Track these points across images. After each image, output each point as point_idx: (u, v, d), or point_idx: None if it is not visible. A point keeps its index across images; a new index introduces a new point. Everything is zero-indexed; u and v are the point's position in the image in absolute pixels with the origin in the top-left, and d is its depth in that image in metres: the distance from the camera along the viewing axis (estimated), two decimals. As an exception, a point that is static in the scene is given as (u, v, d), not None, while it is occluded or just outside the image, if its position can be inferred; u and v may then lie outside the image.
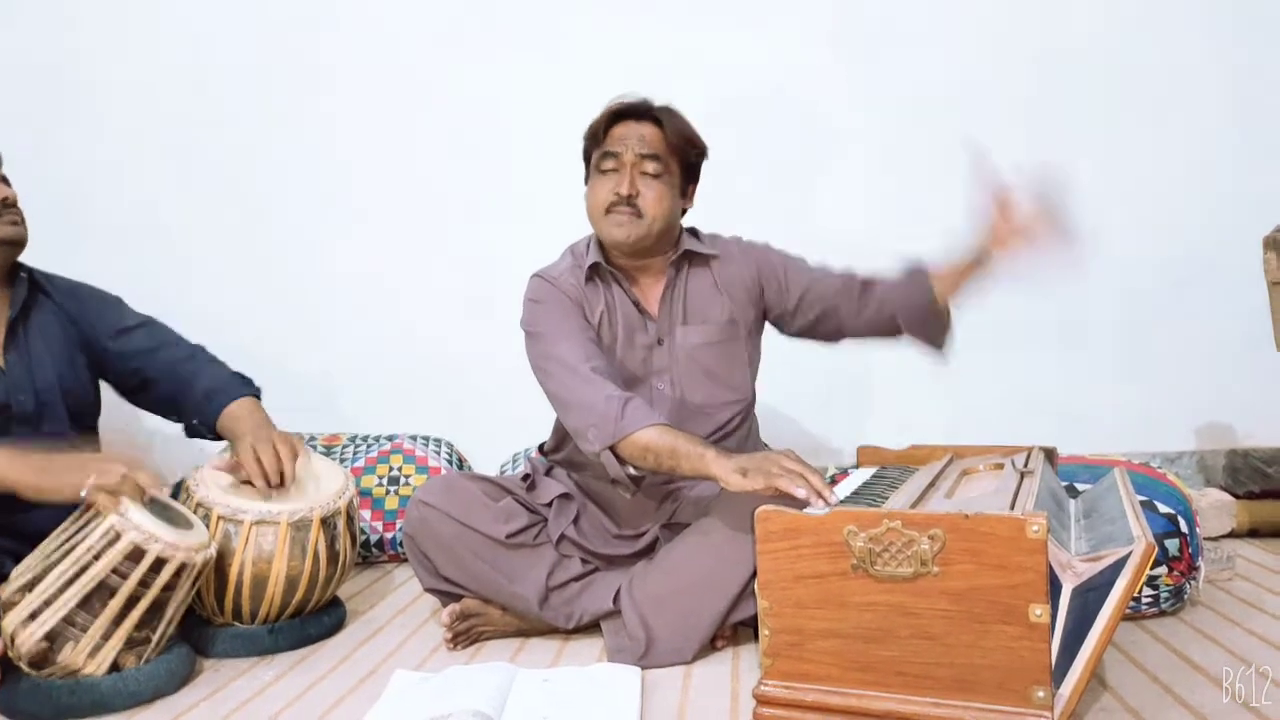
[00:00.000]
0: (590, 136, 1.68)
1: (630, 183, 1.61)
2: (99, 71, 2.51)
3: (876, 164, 2.46)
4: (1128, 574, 1.06)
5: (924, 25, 2.43)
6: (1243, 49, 2.37)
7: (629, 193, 1.60)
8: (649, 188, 1.62)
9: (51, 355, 1.72)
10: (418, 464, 2.30)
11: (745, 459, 1.39)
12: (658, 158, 1.63)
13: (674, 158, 1.65)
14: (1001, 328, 2.42)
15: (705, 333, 1.71)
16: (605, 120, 1.66)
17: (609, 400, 1.50)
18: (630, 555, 1.68)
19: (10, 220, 1.66)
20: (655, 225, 1.63)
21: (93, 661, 1.39)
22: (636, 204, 1.61)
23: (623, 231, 1.62)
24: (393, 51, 2.50)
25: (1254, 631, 1.54)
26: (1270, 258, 1.79)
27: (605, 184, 1.64)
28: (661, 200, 1.63)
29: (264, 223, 2.54)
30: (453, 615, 1.61)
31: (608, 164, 1.64)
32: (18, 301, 1.69)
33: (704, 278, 1.73)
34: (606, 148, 1.64)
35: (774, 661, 1.15)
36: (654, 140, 1.64)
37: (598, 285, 1.70)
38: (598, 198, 1.64)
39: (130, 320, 1.83)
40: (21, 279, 1.72)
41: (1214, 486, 2.29)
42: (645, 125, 1.65)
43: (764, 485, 1.32)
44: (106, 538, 1.41)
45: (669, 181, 1.65)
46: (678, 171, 1.67)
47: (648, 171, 1.62)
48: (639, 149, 1.62)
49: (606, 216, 1.63)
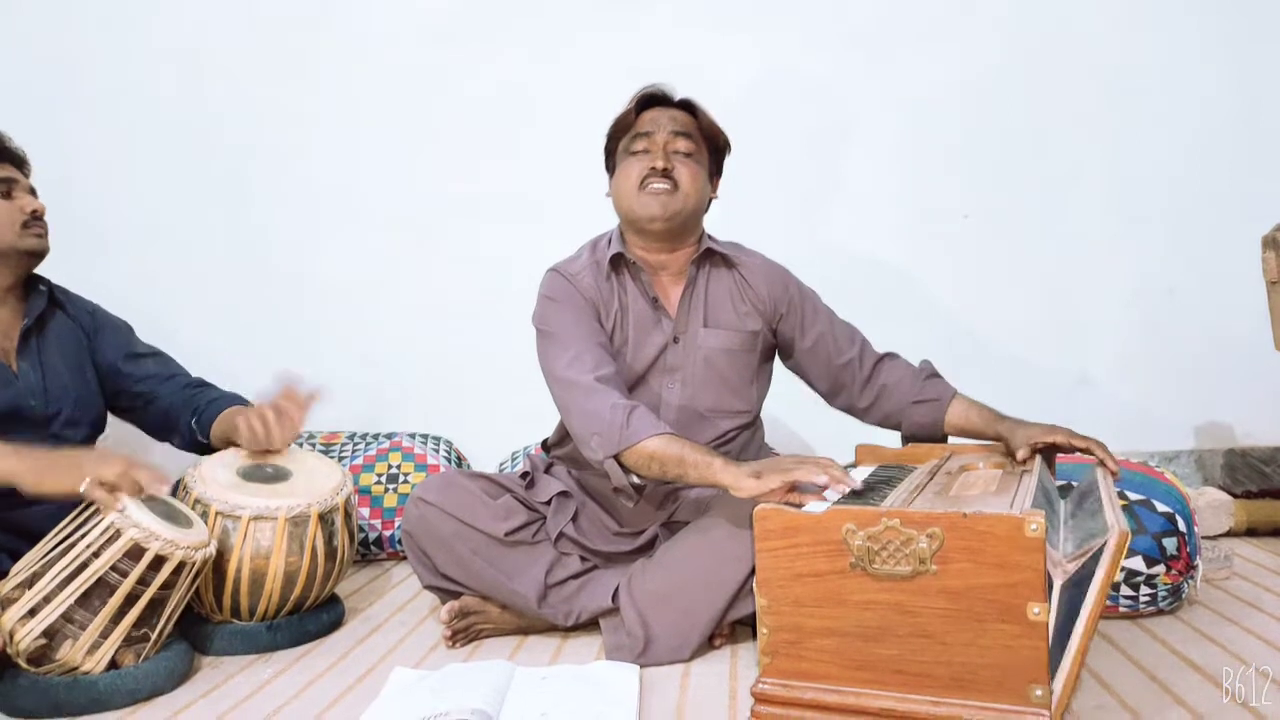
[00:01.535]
0: (618, 124, 1.69)
1: (666, 157, 1.62)
2: (95, 70, 2.51)
3: (882, 166, 2.46)
4: (1105, 563, 1.07)
5: (925, 26, 2.42)
6: (1243, 49, 2.37)
7: (665, 165, 1.61)
8: (684, 165, 1.64)
9: (64, 365, 1.75)
10: (416, 462, 2.30)
11: (756, 463, 1.39)
12: (691, 137, 1.65)
13: (705, 143, 1.68)
14: (1000, 326, 2.43)
15: (727, 338, 1.71)
16: (636, 106, 1.68)
17: (614, 409, 1.50)
18: (630, 553, 1.68)
19: (36, 232, 1.70)
20: (690, 201, 1.64)
21: (91, 659, 1.39)
22: (673, 176, 1.62)
23: (659, 203, 1.61)
24: (392, 52, 2.50)
25: (1252, 630, 1.54)
26: (1269, 257, 1.79)
27: (637, 163, 1.64)
28: (696, 178, 1.65)
29: (262, 221, 2.53)
30: (451, 612, 1.61)
31: (639, 145, 1.65)
32: (34, 311, 1.73)
33: (728, 283, 1.73)
34: (639, 129, 1.65)
35: (772, 659, 1.15)
36: (686, 122, 1.66)
37: (614, 282, 1.70)
38: (629, 177, 1.64)
39: (141, 348, 1.89)
40: (40, 290, 1.76)
41: (1212, 485, 2.29)
42: (676, 111, 1.67)
43: (781, 483, 1.31)
44: (106, 535, 1.41)
45: (701, 162, 1.67)
46: (705, 159, 1.69)
47: (680, 150, 1.64)
48: (672, 127, 1.64)
49: (640, 192, 1.63)
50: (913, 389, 1.69)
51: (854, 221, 2.46)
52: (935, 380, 1.70)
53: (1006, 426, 1.56)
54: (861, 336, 1.76)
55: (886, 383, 1.71)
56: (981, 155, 2.43)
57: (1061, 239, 2.42)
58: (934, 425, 1.66)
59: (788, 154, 2.45)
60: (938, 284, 2.45)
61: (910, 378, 1.70)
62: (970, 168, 2.44)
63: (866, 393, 1.72)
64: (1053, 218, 2.42)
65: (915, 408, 1.68)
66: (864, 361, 1.73)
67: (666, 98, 1.69)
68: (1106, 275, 2.42)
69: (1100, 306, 2.42)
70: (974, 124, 2.43)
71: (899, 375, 1.71)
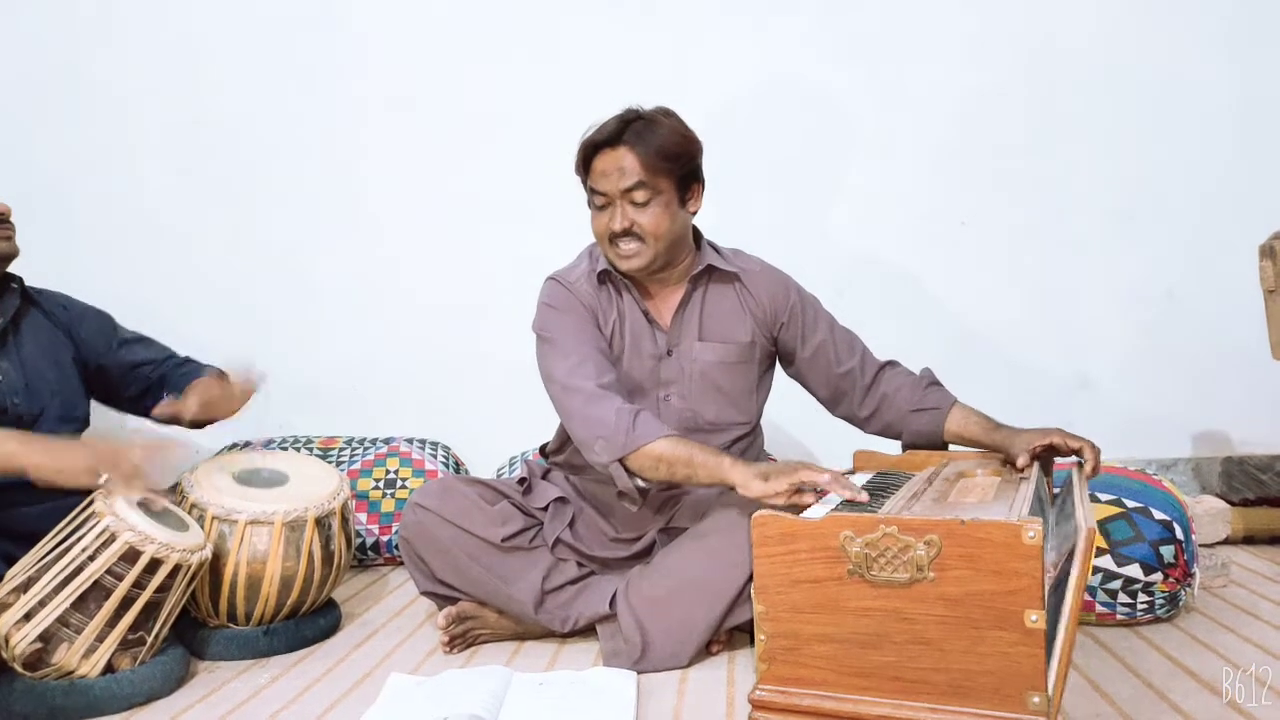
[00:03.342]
0: (577, 169, 1.66)
1: (622, 216, 1.60)
2: (95, 68, 2.51)
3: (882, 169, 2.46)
4: (1077, 562, 1.09)
5: (925, 30, 2.43)
6: (1242, 53, 2.37)
7: (624, 227, 1.60)
8: (642, 215, 1.59)
9: (45, 362, 1.73)
10: (414, 467, 2.30)
11: (764, 465, 1.41)
12: (643, 184, 1.58)
13: (660, 177, 1.59)
14: (998, 333, 2.43)
15: (724, 351, 1.70)
16: (582, 156, 1.63)
17: (619, 413, 1.51)
18: (627, 559, 1.68)
19: (4, 235, 1.68)
20: (660, 245, 1.62)
21: (87, 663, 1.39)
22: (635, 232, 1.61)
23: (629, 263, 1.62)
24: (392, 52, 2.50)
25: (1249, 638, 1.54)
26: (1266, 266, 1.79)
27: (601, 218, 1.63)
28: (659, 222, 1.60)
29: (260, 225, 2.53)
30: (449, 618, 1.61)
31: (597, 201, 1.63)
32: (8, 310, 1.71)
33: (727, 296, 1.72)
34: (591, 185, 1.63)
35: (769, 666, 1.15)
36: (633, 169, 1.58)
37: (610, 291, 1.70)
38: (598, 230, 1.65)
39: (126, 334, 1.88)
40: (12, 289, 1.74)
41: (1209, 494, 2.29)
42: (621, 152, 1.59)
43: (787, 486, 1.33)
44: (102, 538, 1.40)
45: (661, 201, 1.60)
46: (669, 187, 1.61)
47: (636, 201, 1.59)
48: (621, 183, 1.58)
49: (612, 248, 1.63)
50: (912, 398, 1.69)
51: (854, 224, 2.46)
52: (935, 389, 1.70)
53: (1003, 435, 1.56)
54: (862, 345, 1.76)
55: (887, 391, 1.71)
56: (981, 159, 2.43)
57: (1060, 243, 2.42)
58: (933, 434, 1.66)
59: (788, 157, 2.45)
60: (937, 287, 2.45)
61: (910, 386, 1.70)
62: (970, 171, 2.44)
63: (867, 402, 1.72)
64: (1051, 221, 2.43)
65: (915, 416, 1.68)
66: (865, 370, 1.73)
67: (613, 139, 1.60)
68: (1104, 280, 2.42)
69: (1099, 311, 2.42)
70: (974, 128, 2.43)
71: (899, 384, 1.71)
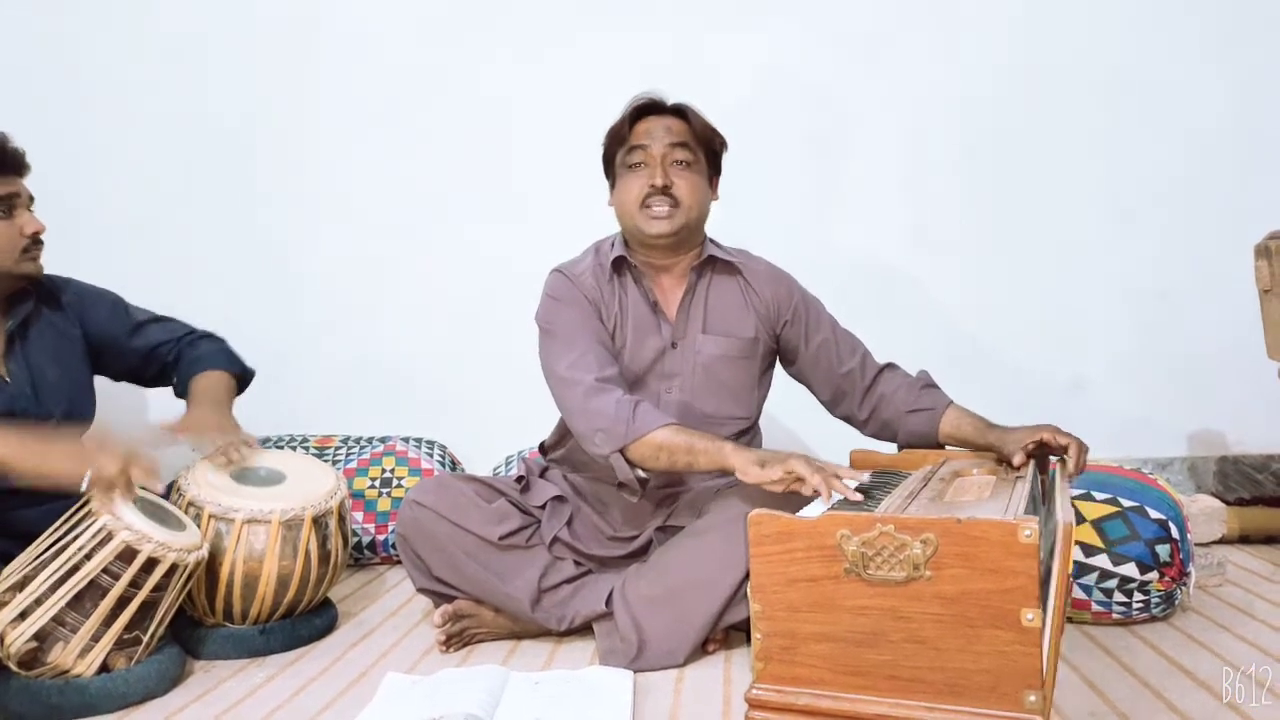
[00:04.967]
0: (613, 136, 1.69)
1: (664, 173, 1.62)
2: (94, 67, 2.50)
3: (882, 169, 2.47)
4: (1057, 557, 1.09)
5: (925, 29, 2.43)
6: (1239, 53, 2.37)
7: (664, 183, 1.61)
8: (682, 177, 1.63)
9: (52, 363, 1.73)
10: (410, 466, 2.29)
11: (763, 452, 1.43)
12: (687, 146, 1.64)
13: (701, 148, 1.67)
14: (994, 332, 2.44)
15: (727, 345, 1.71)
16: (629, 118, 1.67)
17: (619, 404, 1.52)
18: (624, 557, 1.69)
19: (33, 256, 1.67)
20: (692, 214, 1.64)
21: (82, 662, 1.39)
22: (673, 193, 1.62)
23: (662, 223, 1.62)
24: (391, 50, 2.50)
25: (1244, 637, 1.55)
26: (1261, 266, 1.79)
27: (636, 179, 1.64)
28: (695, 189, 1.65)
29: (257, 222, 2.53)
30: (445, 616, 1.61)
31: (636, 158, 1.64)
32: (19, 314, 1.70)
33: (730, 289, 1.73)
34: (634, 142, 1.65)
35: (766, 665, 1.15)
36: (681, 130, 1.65)
37: (615, 284, 1.70)
38: (630, 194, 1.64)
39: (140, 316, 1.88)
40: (28, 293, 1.72)
41: (1205, 493, 2.30)
42: (670, 119, 1.66)
43: (781, 474, 1.36)
44: (98, 537, 1.40)
45: (699, 170, 1.67)
46: (704, 163, 1.68)
47: (679, 160, 1.63)
48: (667, 139, 1.63)
49: (643, 210, 1.63)
50: (908, 398, 1.69)
51: (853, 224, 2.46)
52: (931, 390, 1.70)
53: (996, 435, 1.56)
54: (864, 347, 1.76)
55: (884, 392, 1.71)
56: (979, 159, 2.43)
57: (1057, 243, 2.43)
58: (928, 434, 1.67)
59: (788, 157, 2.45)
60: (934, 288, 2.45)
61: (907, 388, 1.71)
62: (968, 171, 2.44)
63: (865, 403, 1.73)
64: (1048, 222, 2.43)
65: (911, 417, 1.68)
66: (865, 372, 1.73)
67: (660, 105, 1.68)
68: (1100, 280, 2.42)
69: (1094, 311, 2.42)
70: (972, 128, 2.43)
71: (896, 385, 1.71)
